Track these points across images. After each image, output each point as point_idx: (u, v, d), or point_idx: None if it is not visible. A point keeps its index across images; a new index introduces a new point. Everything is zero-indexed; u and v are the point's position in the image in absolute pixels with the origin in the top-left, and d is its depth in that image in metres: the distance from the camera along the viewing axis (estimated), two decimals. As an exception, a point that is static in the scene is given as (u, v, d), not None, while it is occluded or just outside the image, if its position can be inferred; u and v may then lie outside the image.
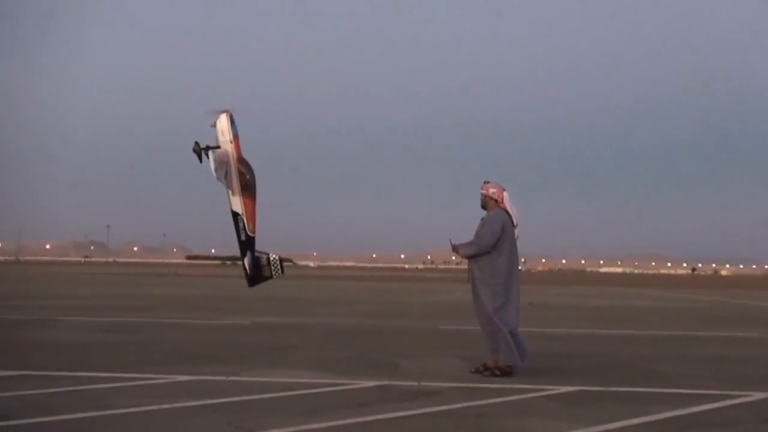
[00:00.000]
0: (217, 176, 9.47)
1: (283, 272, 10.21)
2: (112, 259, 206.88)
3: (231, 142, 9.81)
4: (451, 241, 8.71)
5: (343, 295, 28.59)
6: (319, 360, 9.45)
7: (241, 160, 9.89)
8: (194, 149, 9.55)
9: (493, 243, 8.41)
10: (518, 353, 8.27)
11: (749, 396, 7.37)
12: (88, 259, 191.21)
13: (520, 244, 8.67)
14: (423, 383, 7.75)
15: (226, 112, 9.90)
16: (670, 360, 10.15)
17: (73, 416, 5.96)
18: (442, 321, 16.09)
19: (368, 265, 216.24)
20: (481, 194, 8.75)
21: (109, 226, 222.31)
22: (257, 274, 10.13)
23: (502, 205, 8.62)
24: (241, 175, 9.83)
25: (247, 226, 9.90)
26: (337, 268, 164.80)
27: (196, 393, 7.00)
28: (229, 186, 9.80)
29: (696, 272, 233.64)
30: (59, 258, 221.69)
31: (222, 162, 9.58)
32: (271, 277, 10.18)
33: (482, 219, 8.68)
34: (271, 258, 10.11)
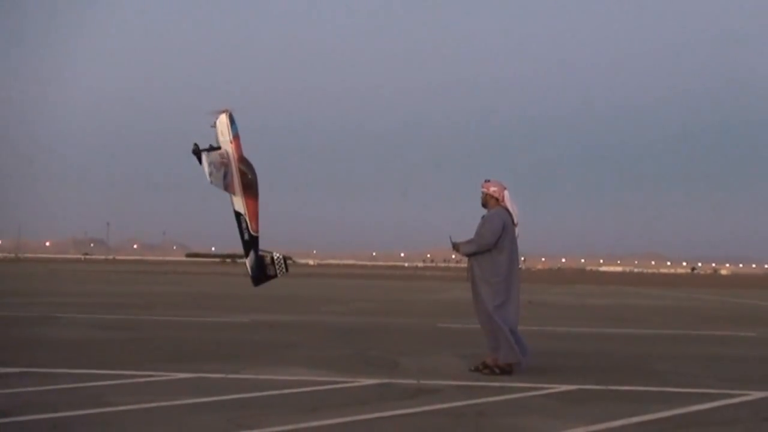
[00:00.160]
0: (212, 180, 9.39)
1: (287, 270, 10.23)
2: (111, 257, 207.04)
3: (231, 143, 9.76)
4: (451, 238, 8.69)
5: (342, 293, 28.61)
6: (319, 358, 9.46)
7: (242, 160, 9.84)
8: (193, 151, 9.50)
9: (494, 241, 8.40)
10: (519, 351, 8.27)
11: (748, 395, 7.37)
12: (88, 257, 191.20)
13: (520, 242, 8.67)
14: (422, 381, 7.75)
15: (226, 111, 9.86)
16: (670, 359, 10.16)
17: (73, 413, 5.96)
18: (442, 319, 16.10)
19: (368, 263, 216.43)
20: (482, 193, 8.73)
21: (108, 223, 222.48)
22: (262, 274, 10.14)
23: (502, 204, 8.61)
24: (243, 175, 9.79)
25: (250, 226, 9.87)
26: (336, 266, 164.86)
27: (196, 390, 7.01)
28: (230, 187, 9.77)
29: (695, 271, 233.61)
30: (59, 255, 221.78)
31: (221, 164, 9.54)
32: (276, 276, 10.19)
33: (483, 217, 8.67)
34: (275, 257, 10.12)
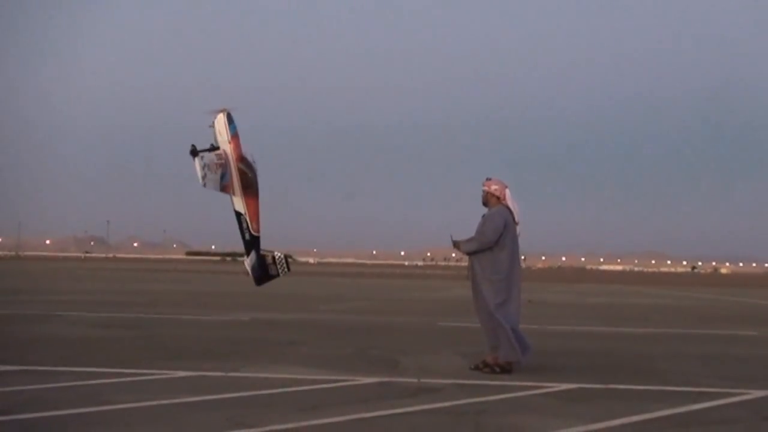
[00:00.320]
0: (204, 183, 9.29)
1: (289, 270, 10.23)
2: (112, 255, 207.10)
3: (230, 142, 9.68)
4: (452, 237, 8.67)
5: (343, 292, 28.61)
6: (319, 356, 9.45)
7: (242, 159, 9.74)
8: (191, 152, 9.40)
9: (495, 239, 8.38)
10: (520, 349, 8.26)
11: (749, 394, 7.37)
12: (89, 255, 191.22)
13: (521, 241, 8.66)
14: (423, 380, 7.75)
15: (224, 111, 9.79)
16: (670, 358, 10.16)
17: (73, 411, 5.96)
18: (442, 318, 16.10)
19: (368, 262, 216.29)
20: (483, 191, 8.70)
21: (109, 221, 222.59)
22: (264, 273, 10.12)
23: (504, 202, 8.59)
24: (242, 175, 9.71)
25: (250, 226, 9.83)
26: (337, 264, 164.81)
27: (196, 389, 7.01)
28: (228, 188, 9.69)
29: (696, 270, 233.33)
30: (59, 253, 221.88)
31: (217, 165, 9.45)
32: (278, 276, 10.18)
33: (483, 216, 8.65)
34: (277, 256, 10.10)
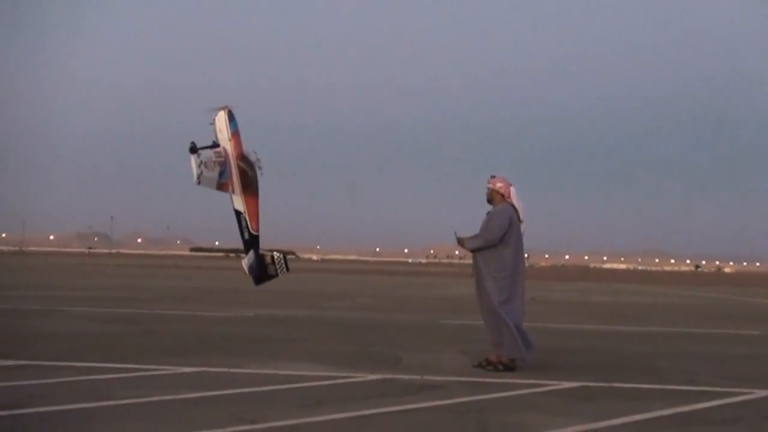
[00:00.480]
0: (200, 181, 9.19)
1: (288, 270, 10.15)
2: (115, 251, 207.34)
3: (230, 140, 9.58)
4: (456, 234, 8.64)
5: (346, 289, 28.62)
6: (322, 353, 9.45)
7: (242, 158, 9.63)
8: (191, 149, 9.31)
9: (500, 236, 8.37)
10: (524, 346, 8.26)
11: (752, 393, 7.36)
12: (92, 251, 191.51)
13: (525, 239, 8.65)
14: (425, 377, 7.75)
15: (225, 108, 9.70)
16: (673, 357, 10.15)
17: (76, 406, 5.98)
18: (445, 315, 16.08)
19: (371, 259, 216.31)
20: (488, 188, 8.69)
21: (113, 217, 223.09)
22: (262, 273, 10.07)
23: (508, 200, 8.58)
24: (242, 173, 9.60)
25: (250, 225, 9.72)
26: (340, 261, 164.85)
27: (199, 384, 7.02)
28: (225, 186, 9.58)
29: (699, 269, 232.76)
30: (63, 249, 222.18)
31: (216, 163, 9.36)
32: (277, 275, 10.12)
33: (488, 213, 8.63)
34: (276, 256, 10.02)
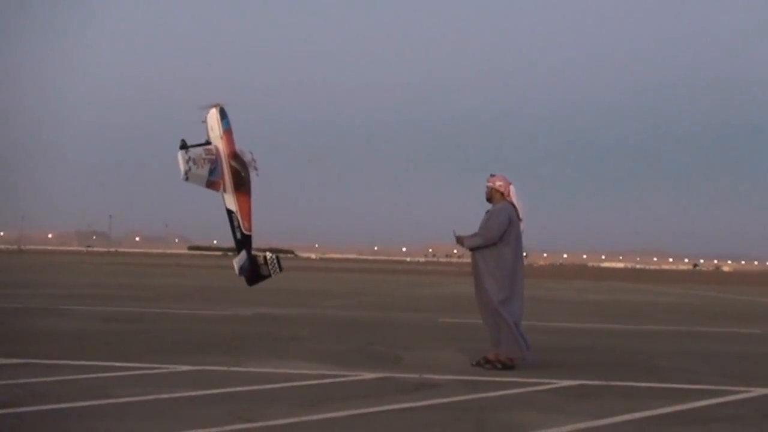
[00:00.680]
0: (187, 177, 8.99)
1: (281, 270, 10.03)
2: (114, 249, 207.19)
3: (222, 137, 9.45)
4: (455, 232, 8.63)
5: (344, 287, 28.63)
6: (321, 351, 9.46)
7: (234, 156, 9.51)
8: (181, 147, 9.16)
9: (500, 235, 8.37)
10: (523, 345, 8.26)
11: (750, 392, 7.38)
12: (91, 249, 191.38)
13: (524, 238, 8.65)
14: (424, 376, 7.76)
15: (217, 106, 9.58)
16: (672, 355, 10.16)
17: (76, 404, 5.98)
18: (444, 314, 16.09)
19: (370, 258, 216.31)
20: (487, 187, 8.69)
21: (111, 216, 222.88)
22: (255, 274, 9.96)
23: (508, 199, 8.58)
24: (234, 172, 9.48)
25: (242, 225, 9.58)
26: (338, 260, 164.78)
27: (198, 383, 7.02)
28: (216, 185, 9.44)
29: (697, 268, 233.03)
30: (61, 247, 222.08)
31: (206, 160, 9.21)
32: (269, 276, 10.02)
33: (487, 212, 8.63)
34: (268, 257, 9.90)
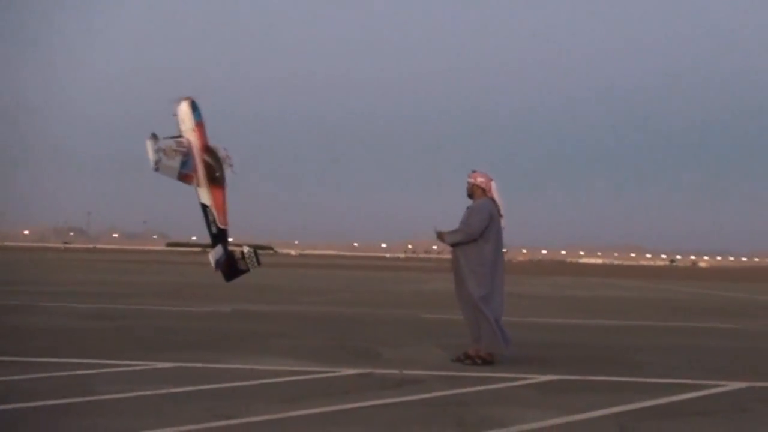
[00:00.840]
0: (157, 168, 8.84)
1: (259, 264, 9.89)
2: (92, 246, 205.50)
3: (194, 130, 9.36)
4: (436, 228, 8.65)
5: (324, 284, 28.60)
6: (301, 348, 9.46)
7: (207, 149, 9.41)
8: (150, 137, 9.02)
9: (481, 231, 8.40)
10: (502, 340, 8.31)
11: (727, 386, 7.46)
12: (68, 246, 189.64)
13: (504, 234, 8.68)
14: (405, 372, 7.79)
15: (188, 99, 9.48)
16: (649, 350, 10.26)
17: (58, 402, 5.96)
18: (424, 310, 16.13)
19: (349, 254, 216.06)
20: (468, 183, 8.71)
21: (89, 212, 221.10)
22: (232, 269, 9.84)
23: (489, 195, 8.61)
24: (207, 165, 9.38)
25: (217, 219, 9.48)
26: (318, 256, 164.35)
27: (179, 380, 7.01)
28: (188, 177, 9.32)
29: (674, 263, 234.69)
30: (38, 244, 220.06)
31: (176, 152, 9.07)
32: (248, 270, 9.90)
33: (468, 208, 8.65)
34: (245, 251, 9.76)
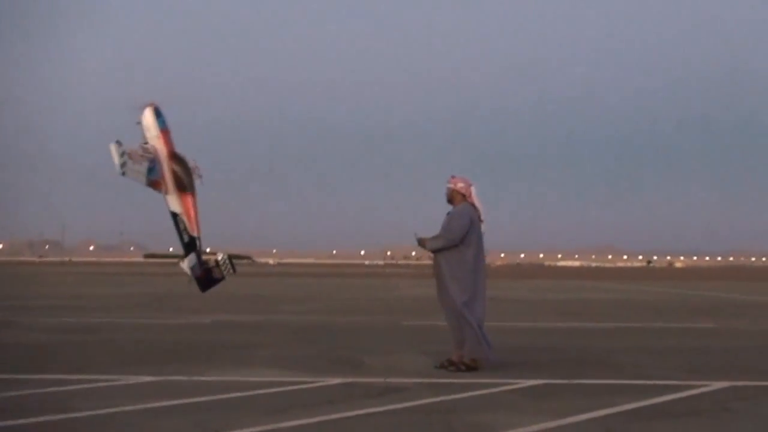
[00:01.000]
0: (124, 172, 8.66)
1: (234, 271, 9.72)
2: (68, 259, 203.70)
3: (159, 137, 9.23)
4: (416, 234, 8.61)
5: (304, 292, 28.50)
6: (283, 358, 9.41)
7: (174, 157, 9.27)
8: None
9: (462, 236, 8.38)
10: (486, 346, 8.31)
11: (709, 385, 7.52)
12: (43, 259, 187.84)
13: (484, 239, 8.68)
14: (389, 380, 7.77)
15: (151, 105, 9.33)
16: (631, 352, 10.30)
17: (38, 419, 5.88)
18: (406, 317, 16.12)
19: (328, 262, 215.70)
20: (448, 188, 8.68)
21: (65, 225, 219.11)
22: (208, 278, 9.68)
23: (469, 200, 8.60)
24: (174, 173, 9.24)
25: (188, 227, 9.34)
26: (297, 265, 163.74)
27: (161, 394, 6.94)
28: (157, 184, 9.19)
29: (651, 264, 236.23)
30: (13, 258, 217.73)
31: (142, 157, 8.89)
32: (223, 279, 9.74)
33: (448, 213, 8.63)
34: (220, 259, 9.61)
